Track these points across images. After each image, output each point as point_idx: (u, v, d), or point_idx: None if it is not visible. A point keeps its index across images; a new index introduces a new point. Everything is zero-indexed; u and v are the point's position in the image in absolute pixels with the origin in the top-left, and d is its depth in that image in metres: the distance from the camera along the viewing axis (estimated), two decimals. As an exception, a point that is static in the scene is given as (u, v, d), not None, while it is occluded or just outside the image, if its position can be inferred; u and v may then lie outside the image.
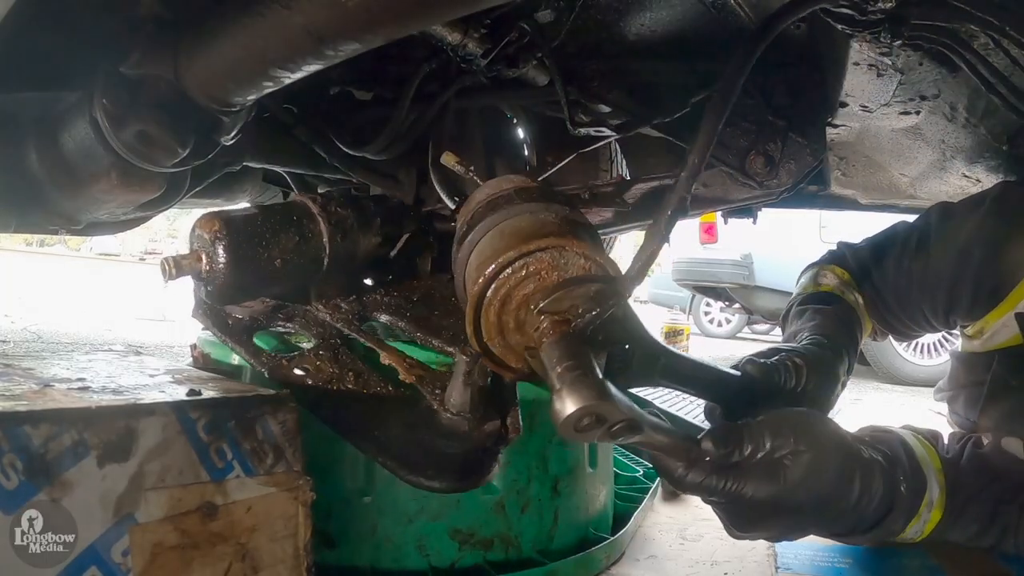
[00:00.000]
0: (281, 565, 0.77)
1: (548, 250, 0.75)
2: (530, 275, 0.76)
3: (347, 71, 1.34)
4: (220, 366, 1.19)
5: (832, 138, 1.48)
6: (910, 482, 0.99)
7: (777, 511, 0.92)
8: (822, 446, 0.93)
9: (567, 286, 0.78)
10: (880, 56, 1.10)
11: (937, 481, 1.02)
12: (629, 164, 1.91)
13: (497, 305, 0.82)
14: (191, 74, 0.91)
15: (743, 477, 0.90)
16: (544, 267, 0.76)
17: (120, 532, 0.65)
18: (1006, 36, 0.98)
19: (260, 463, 0.76)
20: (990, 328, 1.29)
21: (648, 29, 1.22)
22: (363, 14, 0.72)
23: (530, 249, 0.75)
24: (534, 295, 0.80)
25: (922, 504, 1.00)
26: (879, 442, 1.02)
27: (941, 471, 1.03)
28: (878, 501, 0.96)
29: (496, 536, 1.13)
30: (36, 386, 0.74)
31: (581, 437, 0.74)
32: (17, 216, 1.19)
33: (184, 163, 0.99)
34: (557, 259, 0.75)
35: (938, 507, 1.02)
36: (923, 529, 1.03)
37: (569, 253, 0.76)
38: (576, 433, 0.73)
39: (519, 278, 0.78)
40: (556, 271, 0.76)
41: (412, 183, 1.64)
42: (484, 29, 1.09)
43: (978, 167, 1.55)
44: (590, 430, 0.73)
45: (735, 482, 0.89)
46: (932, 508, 1.01)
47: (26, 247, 20.36)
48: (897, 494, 0.98)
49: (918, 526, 1.02)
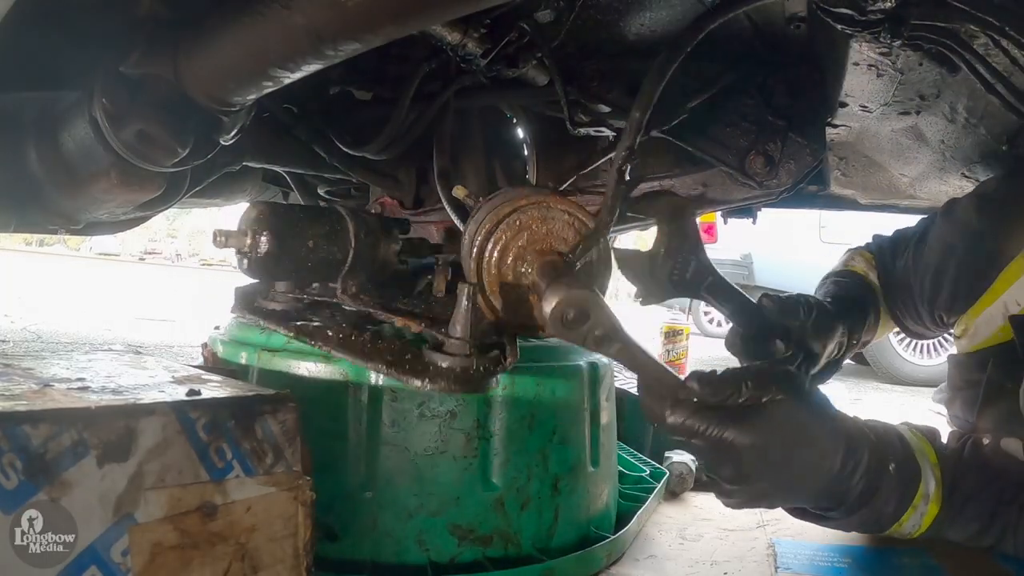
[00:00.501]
0: (280, 565, 0.77)
1: (535, 205, 0.89)
2: (523, 227, 0.89)
3: (347, 71, 1.34)
4: (229, 365, 1.22)
5: (832, 138, 1.48)
6: (901, 466, 1.00)
7: (759, 463, 0.92)
8: (803, 398, 0.95)
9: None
10: (880, 56, 1.10)
11: (933, 475, 1.02)
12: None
13: (496, 257, 0.95)
14: (191, 74, 0.91)
15: (725, 421, 0.91)
16: (533, 220, 0.89)
17: (120, 532, 0.65)
18: (1006, 36, 0.97)
19: (260, 463, 0.76)
20: (973, 325, 1.31)
21: (648, 29, 1.22)
22: (363, 14, 0.72)
23: (520, 204, 0.88)
24: (528, 245, 0.95)
25: (917, 495, 1.00)
26: (869, 424, 1.03)
27: (937, 465, 1.04)
28: (863, 472, 0.96)
29: (495, 533, 1.14)
30: (36, 386, 0.73)
31: (572, 336, 0.84)
32: (17, 216, 1.19)
33: (184, 163, 0.99)
34: (544, 213, 0.89)
35: (935, 501, 1.02)
36: (920, 523, 1.03)
37: (553, 209, 0.89)
38: (565, 329, 0.84)
39: (513, 231, 0.91)
40: (544, 223, 0.88)
41: (412, 183, 1.64)
42: (484, 29, 1.08)
43: (978, 167, 1.55)
44: (577, 326, 0.84)
45: (717, 426, 0.91)
46: (929, 501, 1.02)
47: (26, 247, 20.35)
48: (885, 473, 0.98)
49: (915, 519, 1.02)
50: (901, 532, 1.04)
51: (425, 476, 1.11)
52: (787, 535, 1.40)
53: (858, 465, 0.96)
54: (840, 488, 0.97)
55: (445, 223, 1.60)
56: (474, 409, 1.13)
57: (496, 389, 1.13)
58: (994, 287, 1.24)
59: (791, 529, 1.38)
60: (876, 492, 0.98)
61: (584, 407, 1.28)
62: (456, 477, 1.12)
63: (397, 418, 1.11)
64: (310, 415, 1.09)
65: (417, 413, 1.11)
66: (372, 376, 1.12)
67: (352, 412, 1.12)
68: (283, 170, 1.65)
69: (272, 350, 1.19)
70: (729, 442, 0.91)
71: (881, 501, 0.99)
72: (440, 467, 1.11)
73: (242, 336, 1.27)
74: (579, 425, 1.27)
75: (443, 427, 1.12)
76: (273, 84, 0.87)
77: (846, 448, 0.95)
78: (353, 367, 1.12)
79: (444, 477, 1.11)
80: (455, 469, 1.12)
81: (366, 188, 1.78)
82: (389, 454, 1.11)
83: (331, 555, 1.08)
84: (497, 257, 0.97)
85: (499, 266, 0.99)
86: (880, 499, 0.99)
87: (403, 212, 1.65)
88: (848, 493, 0.97)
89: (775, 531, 1.45)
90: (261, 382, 1.15)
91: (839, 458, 0.95)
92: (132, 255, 33.61)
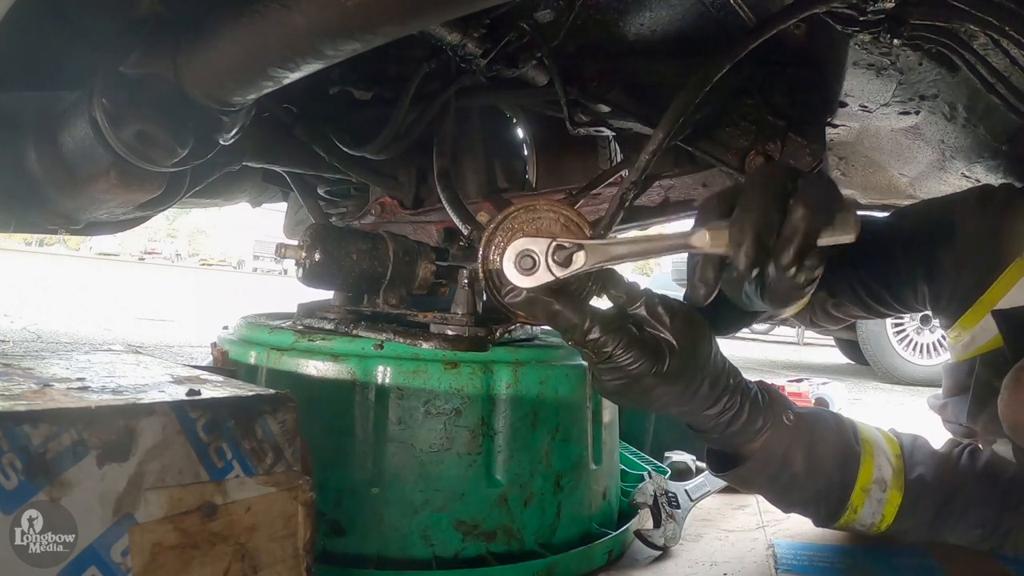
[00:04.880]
0: (281, 565, 0.76)
1: (523, 209, 0.94)
2: (515, 229, 0.95)
3: (347, 71, 1.34)
4: (238, 364, 1.25)
5: (832, 138, 1.48)
6: (840, 446, 1.05)
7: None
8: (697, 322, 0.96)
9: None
10: (880, 56, 1.10)
11: (891, 463, 1.06)
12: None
13: (493, 256, 1.01)
14: (191, 73, 0.91)
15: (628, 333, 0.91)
16: (523, 222, 0.94)
17: (120, 532, 0.65)
18: (1006, 36, 0.97)
19: (260, 463, 0.76)
20: (968, 332, 1.28)
21: (648, 29, 1.22)
22: (363, 13, 0.72)
23: (510, 212, 0.94)
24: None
25: (865, 477, 1.04)
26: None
27: (900, 457, 1.07)
28: (742, 402, 0.99)
29: (499, 528, 1.16)
30: (36, 386, 0.73)
31: (528, 278, 0.90)
32: (17, 216, 1.19)
33: (183, 163, 0.99)
34: (532, 214, 0.94)
35: (895, 488, 1.05)
36: (880, 511, 1.05)
37: (540, 209, 0.94)
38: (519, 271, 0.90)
39: (507, 232, 0.96)
40: (533, 223, 0.94)
41: (411, 183, 1.64)
42: (484, 29, 1.09)
43: (977, 167, 1.54)
44: (531, 267, 0.90)
45: (622, 342, 0.90)
46: (887, 488, 1.05)
47: (25, 247, 20.35)
48: (772, 413, 1.02)
49: (871, 506, 1.05)
50: (861, 522, 1.06)
51: (430, 472, 1.13)
52: (787, 536, 1.40)
53: (735, 391, 0.99)
54: (709, 400, 0.97)
55: (445, 223, 1.61)
56: (479, 407, 1.15)
57: (500, 388, 1.17)
58: (991, 292, 1.21)
59: (791, 530, 1.39)
60: (752, 423, 1.01)
61: (586, 405, 1.29)
62: (461, 473, 1.14)
63: (403, 416, 1.13)
64: (318, 413, 1.13)
65: (423, 411, 1.13)
66: (379, 375, 1.14)
67: (359, 410, 1.14)
68: (283, 170, 1.65)
69: (281, 349, 1.20)
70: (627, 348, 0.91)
71: (773, 442, 1.02)
72: (445, 464, 1.13)
73: (251, 336, 1.29)
74: (581, 423, 1.28)
75: (448, 425, 1.13)
76: (273, 84, 0.87)
77: (729, 373, 0.99)
78: (361, 365, 1.15)
79: (449, 473, 1.13)
80: (460, 466, 1.14)
81: (366, 188, 1.78)
82: (395, 451, 1.12)
83: (338, 550, 1.11)
84: (493, 256, 1.02)
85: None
86: (761, 434, 1.02)
87: (403, 211, 1.65)
88: (720, 418, 0.99)
89: (775, 532, 1.45)
90: (270, 381, 1.18)
91: (717, 369, 0.97)
92: (132, 255, 33.58)
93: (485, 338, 1.18)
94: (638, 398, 0.93)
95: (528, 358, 1.22)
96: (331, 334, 1.23)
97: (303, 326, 1.31)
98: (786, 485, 1.06)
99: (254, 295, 10.85)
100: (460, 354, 1.16)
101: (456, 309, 1.20)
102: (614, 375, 0.90)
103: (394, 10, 0.72)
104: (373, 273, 1.27)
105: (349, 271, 1.25)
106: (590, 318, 0.88)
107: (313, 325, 1.32)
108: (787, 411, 1.04)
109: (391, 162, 1.55)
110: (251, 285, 15.88)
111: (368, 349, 1.17)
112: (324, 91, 1.38)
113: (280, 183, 1.92)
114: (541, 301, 0.88)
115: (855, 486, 1.05)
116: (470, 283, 1.19)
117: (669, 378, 0.90)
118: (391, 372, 1.14)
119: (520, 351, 1.23)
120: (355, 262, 1.25)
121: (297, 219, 2.37)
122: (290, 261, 1.26)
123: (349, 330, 1.24)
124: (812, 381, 3.29)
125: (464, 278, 1.21)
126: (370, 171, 1.56)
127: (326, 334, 1.23)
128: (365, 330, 1.22)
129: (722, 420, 0.99)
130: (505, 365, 1.18)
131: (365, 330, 1.22)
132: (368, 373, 1.14)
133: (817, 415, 1.09)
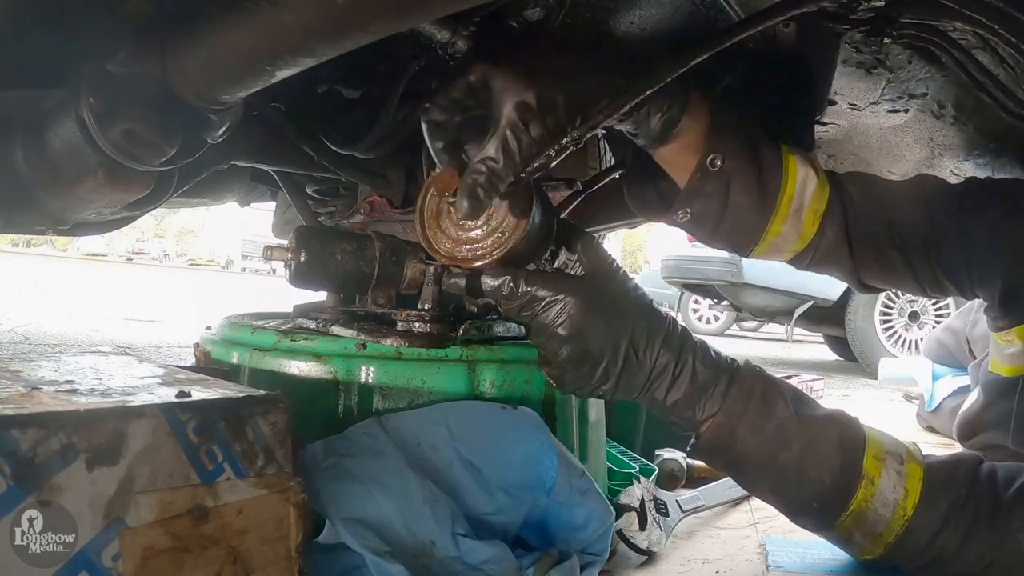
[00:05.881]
0: (273, 567, 0.76)
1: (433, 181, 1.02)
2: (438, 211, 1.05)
3: (335, 69, 1.34)
4: (220, 364, 1.25)
5: (821, 136, 1.48)
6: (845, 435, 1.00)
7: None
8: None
9: None
10: (869, 54, 1.11)
11: (901, 442, 1.02)
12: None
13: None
14: (179, 72, 0.90)
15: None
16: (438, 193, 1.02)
17: (110, 536, 0.64)
18: (995, 35, 0.98)
19: (251, 465, 0.75)
20: (1022, 344, 1.19)
21: (638, 27, 1.22)
22: (352, 11, 0.71)
23: (424, 196, 1.05)
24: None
25: (872, 448, 0.99)
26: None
27: (919, 464, 1.00)
28: (678, 366, 1.03)
29: (485, 526, 1.14)
30: (24, 389, 0.73)
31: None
32: (3, 217, 1.18)
33: (172, 162, 0.98)
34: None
35: (912, 462, 0.99)
36: (902, 484, 0.97)
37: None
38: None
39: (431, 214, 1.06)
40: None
41: (401, 181, 1.63)
42: (473, 27, 1.08)
43: (966, 164, 1.55)
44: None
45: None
46: (904, 462, 0.99)
47: (12, 248, 20.21)
48: (717, 386, 1.02)
49: (890, 478, 0.97)
50: (883, 498, 0.96)
51: (415, 472, 1.11)
52: (778, 533, 1.41)
53: (672, 357, 1.04)
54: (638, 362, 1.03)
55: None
56: (462, 405, 1.14)
57: (485, 386, 1.17)
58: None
59: (782, 527, 1.39)
60: (694, 394, 1.02)
61: (572, 404, 1.29)
62: (446, 473, 1.12)
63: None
64: (300, 413, 1.11)
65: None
66: (362, 374, 1.14)
67: (342, 410, 1.13)
68: (271, 169, 1.65)
69: (263, 349, 1.20)
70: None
71: (721, 420, 1.01)
72: (431, 464, 1.12)
73: (233, 336, 1.28)
74: (567, 423, 1.27)
75: (434, 424, 1.12)
76: (262, 82, 0.86)
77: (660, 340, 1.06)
78: (343, 365, 1.14)
79: (435, 473, 1.12)
80: (445, 465, 1.13)
81: (355, 187, 1.78)
82: (380, 452, 1.11)
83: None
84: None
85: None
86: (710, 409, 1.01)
87: (392, 210, 1.65)
88: (656, 380, 1.03)
89: (767, 529, 1.46)
90: (252, 381, 1.17)
91: (641, 340, 1.05)
92: (120, 255, 33.38)
93: (446, 335, 1.17)
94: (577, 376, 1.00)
95: (513, 357, 1.21)
96: (313, 334, 1.24)
97: (287, 326, 1.31)
98: (777, 462, 0.99)
99: (242, 295, 10.82)
100: (436, 351, 1.17)
101: (423, 304, 1.20)
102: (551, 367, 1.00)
103: (385, 7, 0.72)
104: (359, 273, 1.26)
105: (334, 272, 1.24)
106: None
107: (299, 325, 1.32)
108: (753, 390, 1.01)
109: (380, 161, 1.54)
110: (239, 285, 15.82)
111: (351, 348, 1.17)
112: (313, 90, 1.38)
113: (268, 182, 1.91)
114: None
115: (864, 453, 0.97)
116: (436, 279, 1.18)
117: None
118: (374, 371, 1.14)
119: (505, 350, 1.22)
120: (340, 263, 1.24)
121: (285, 219, 2.36)
122: (278, 262, 1.26)
123: (327, 330, 1.25)
124: (802, 377, 3.31)
125: (430, 274, 1.20)
126: (359, 170, 1.56)
127: (308, 334, 1.23)
128: (341, 328, 1.23)
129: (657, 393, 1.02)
130: (490, 364, 1.18)
131: (341, 328, 1.23)
132: (351, 373, 1.14)
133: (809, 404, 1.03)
